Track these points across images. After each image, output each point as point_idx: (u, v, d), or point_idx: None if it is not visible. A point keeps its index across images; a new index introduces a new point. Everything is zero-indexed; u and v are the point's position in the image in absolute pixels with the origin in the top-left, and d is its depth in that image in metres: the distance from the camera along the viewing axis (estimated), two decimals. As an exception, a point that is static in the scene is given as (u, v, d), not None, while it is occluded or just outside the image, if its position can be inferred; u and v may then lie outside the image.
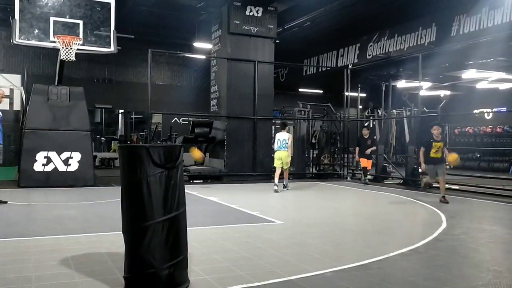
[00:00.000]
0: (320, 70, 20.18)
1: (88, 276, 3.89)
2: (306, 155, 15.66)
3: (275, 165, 11.24)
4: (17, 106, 18.32)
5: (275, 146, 11.20)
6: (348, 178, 14.72)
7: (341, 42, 18.34)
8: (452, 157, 9.32)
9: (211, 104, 14.70)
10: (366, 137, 13.07)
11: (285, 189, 11.35)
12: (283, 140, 10.95)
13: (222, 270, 4.20)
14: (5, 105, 18.19)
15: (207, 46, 16.26)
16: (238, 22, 13.51)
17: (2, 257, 4.49)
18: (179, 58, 20.56)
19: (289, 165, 11.37)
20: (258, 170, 13.70)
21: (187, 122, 17.80)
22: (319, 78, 21.63)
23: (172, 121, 20.00)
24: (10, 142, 18.06)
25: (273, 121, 15.22)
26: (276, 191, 10.86)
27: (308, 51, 20.25)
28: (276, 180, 11.04)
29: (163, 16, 16.53)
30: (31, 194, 9.51)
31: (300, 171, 15.00)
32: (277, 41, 14.69)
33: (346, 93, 15.20)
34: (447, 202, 9.02)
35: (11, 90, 17.93)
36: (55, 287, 3.62)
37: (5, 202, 8.15)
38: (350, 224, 6.92)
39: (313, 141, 15.81)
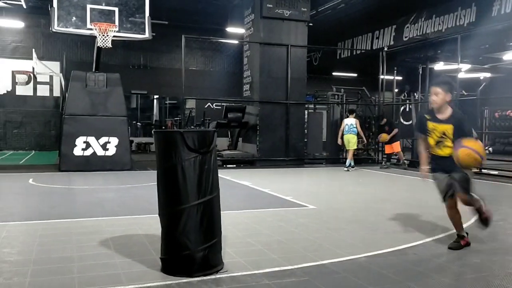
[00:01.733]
0: (354, 53, 19.80)
1: (127, 257, 4.04)
2: (340, 140, 15.49)
3: (346, 147, 12.97)
4: (56, 93, 18.94)
5: (344, 131, 12.63)
6: (383, 163, 14.51)
7: (376, 24, 17.89)
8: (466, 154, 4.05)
9: (244, 89, 14.73)
10: (382, 124, 13.29)
11: (351, 168, 12.45)
12: (350, 124, 12.50)
13: (255, 253, 4.27)
14: (45, 91, 18.87)
15: (240, 31, 16.22)
16: (271, 5, 13.40)
17: (46, 238, 4.71)
18: (212, 44, 20.62)
19: (355, 147, 12.87)
20: (290, 155, 13.70)
21: (220, 107, 17.90)
22: (354, 61, 21.21)
23: (206, 107, 20.14)
24: (50, 127, 18.74)
25: (306, 105, 15.10)
26: (347, 170, 12.33)
27: (342, 33, 19.87)
28: (348, 160, 12.58)
29: (196, 2, 16.58)
30: (71, 178, 9.86)
31: (334, 156, 14.90)
32: (311, 24, 14.48)
33: (381, 77, 14.89)
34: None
35: (51, 77, 18.52)
36: (96, 267, 3.78)
37: None
38: (384, 210, 6.85)
39: (347, 125, 15.59)
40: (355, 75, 23.58)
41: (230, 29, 17.86)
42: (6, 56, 18.23)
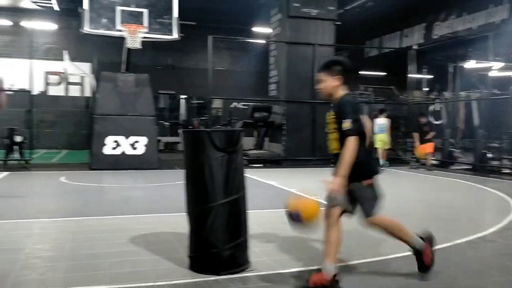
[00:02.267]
0: (382, 51, 19.54)
1: (155, 254, 4.10)
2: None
3: (377, 146, 12.78)
4: (87, 93, 19.38)
5: (375, 130, 12.53)
6: (412, 163, 14.26)
7: (405, 22, 17.63)
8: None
9: (270, 89, 14.72)
10: (423, 123, 12.92)
11: (382, 167, 12.20)
12: (381, 124, 12.60)
13: (282, 252, 4.27)
14: (76, 92, 19.33)
15: (266, 30, 16.24)
16: (298, 4, 13.35)
17: (77, 235, 4.83)
18: (238, 44, 20.71)
19: (387, 146, 12.97)
20: (317, 154, 13.61)
21: (246, 107, 17.97)
22: (382, 60, 20.96)
23: (232, 106, 20.27)
24: (81, 127, 19.19)
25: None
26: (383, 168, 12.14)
27: (370, 32, 19.66)
28: (381, 160, 12.64)
29: (223, 2, 16.69)
30: (101, 176, 10.08)
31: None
32: (338, 23, 14.37)
33: (410, 75, 14.63)
34: None
35: (82, 78, 18.96)
36: (125, 264, 3.86)
37: None
38: (413, 211, 6.74)
39: (375, 125, 15.41)
40: (384, 74, 23.27)
41: (256, 29, 17.91)
42: (39, 58, 18.75)
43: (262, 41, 18.63)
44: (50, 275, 3.53)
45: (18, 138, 11.76)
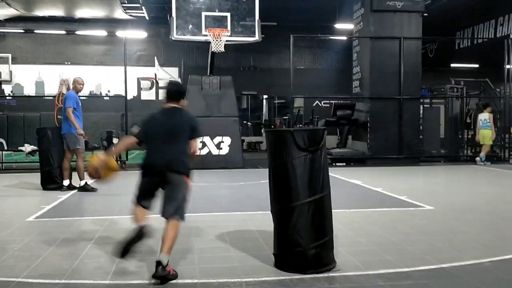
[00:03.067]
0: (475, 42, 18.29)
1: (242, 251, 4.22)
2: (460, 136, 14.46)
3: (480, 142, 12.82)
4: (175, 96, 20.35)
5: (478, 126, 12.70)
6: (511, 161, 13.20)
7: (500, 10, 16.31)
8: None
9: (353, 86, 14.42)
10: None
11: (482, 163, 12.31)
12: (484, 119, 12.53)
13: (368, 253, 4.18)
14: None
15: (349, 26, 15.92)
16: (382, -2, 12.95)
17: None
18: (319, 41, 20.53)
19: (491, 142, 12.77)
20: (404, 152, 13.08)
21: (328, 105, 17.75)
22: (474, 51, 19.57)
23: (314, 105, 20.13)
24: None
25: (421, 100, 14.31)
26: (478, 163, 12.33)
27: (461, 22, 18.47)
28: (482, 154, 12.51)
29: (304, 0, 16.63)
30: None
31: (453, 153, 13.93)
32: (425, 14, 13.69)
33: (507, 66, 13.53)
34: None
35: (170, 82, 19.95)
36: (214, 259, 4.02)
37: (95, 190, 7.87)
38: (511, 212, 6.25)
39: (468, 120, 14.49)
40: (477, 66, 21.72)
41: (338, 25, 17.62)
42: (132, 64, 20.00)
43: (344, 38, 18.31)
44: (146, 269, 3.76)
45: (115, 140, 12.70)
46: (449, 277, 3.53)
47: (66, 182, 8.16)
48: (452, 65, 21.58)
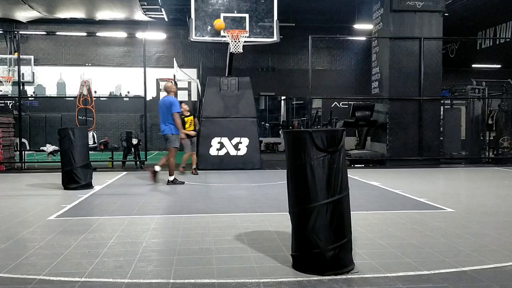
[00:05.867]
0: (497, 42, 17.94)
1: (260, 252, 4.21)
2: (482, 138, 14.21)
3: None
4: (194, 97, 20.49)
5: None
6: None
7: (524, 8, 15.98)
8: None
9: (372, 87, 14.30)
10: None
11: None
12: None
13: (388, 255, 4.13)
14: (184, 96, 20.52)
15: (368, 27, 15.80)
16: (402, -2, 12.81)
17: (187, 231, 5.13)
18: (338, 42, 20.43)
19: None
20: (424, 154, 12.92)
21: (347, 106, 17.64)
22: (497, 51, 19.21)
23: (332, 106, 20.05)
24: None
25: (442, 101, 14.10)
26: None
27: (483, 22, 18.15)
28: None
29: (323, 1, 16.57)
30: (207, 176, 10.59)
31: (475, 155, 13.68)
32: (446, 14, 13.50)
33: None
34: (197, 174, 10.51)
35: (189, 83, 20.09)
36: (232, 259, 4.02)
37: (183, 183, 9.19)
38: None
39: (490, 122, 14.25)
40: (499, 66, 21.32)
41: (357, 26, 17.50)
42: (151, 66, 20.23)
43: (363, 38, 18.16)
44: (164, 268, 3.80)
45: (134, 141, 12.83)
46: (470, 280, 3.46)
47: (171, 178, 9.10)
48: (473, 65, 21.22)
